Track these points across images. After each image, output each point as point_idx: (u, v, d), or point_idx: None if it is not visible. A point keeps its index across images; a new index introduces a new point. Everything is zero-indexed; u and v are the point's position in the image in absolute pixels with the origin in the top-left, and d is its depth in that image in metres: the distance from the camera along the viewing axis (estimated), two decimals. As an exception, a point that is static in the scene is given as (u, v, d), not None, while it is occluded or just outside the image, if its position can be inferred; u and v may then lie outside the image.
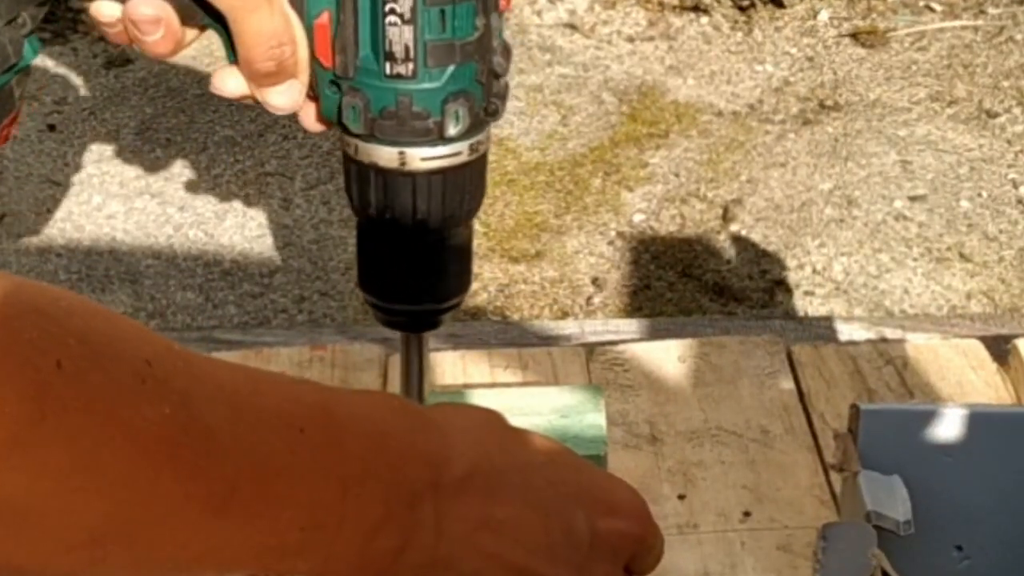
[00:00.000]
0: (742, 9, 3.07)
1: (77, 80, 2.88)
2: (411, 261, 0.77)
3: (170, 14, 0.72)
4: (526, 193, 2.54)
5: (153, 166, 2.63)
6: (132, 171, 2.61)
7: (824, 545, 0.75)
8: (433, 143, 0.74)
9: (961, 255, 2.38)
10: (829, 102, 2.79)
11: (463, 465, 0.64)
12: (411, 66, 0.72)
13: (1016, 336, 1.08)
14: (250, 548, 0.57)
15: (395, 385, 1.09)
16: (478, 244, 2.41)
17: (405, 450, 0.62)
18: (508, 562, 0.65)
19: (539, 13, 3.08)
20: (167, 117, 2.76)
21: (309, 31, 0.73)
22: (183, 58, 2.95)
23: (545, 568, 0.66)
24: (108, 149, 2.67)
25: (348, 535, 0.60)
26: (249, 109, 2.78)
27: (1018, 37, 2.98)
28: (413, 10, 0.71)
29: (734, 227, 2.45)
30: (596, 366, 1.08)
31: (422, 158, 0.74)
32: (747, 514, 0.95)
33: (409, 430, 0.63)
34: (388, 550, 0.62)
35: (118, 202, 2.53)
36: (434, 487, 0.63)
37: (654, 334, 1.23)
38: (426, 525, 0.63)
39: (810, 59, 2.94)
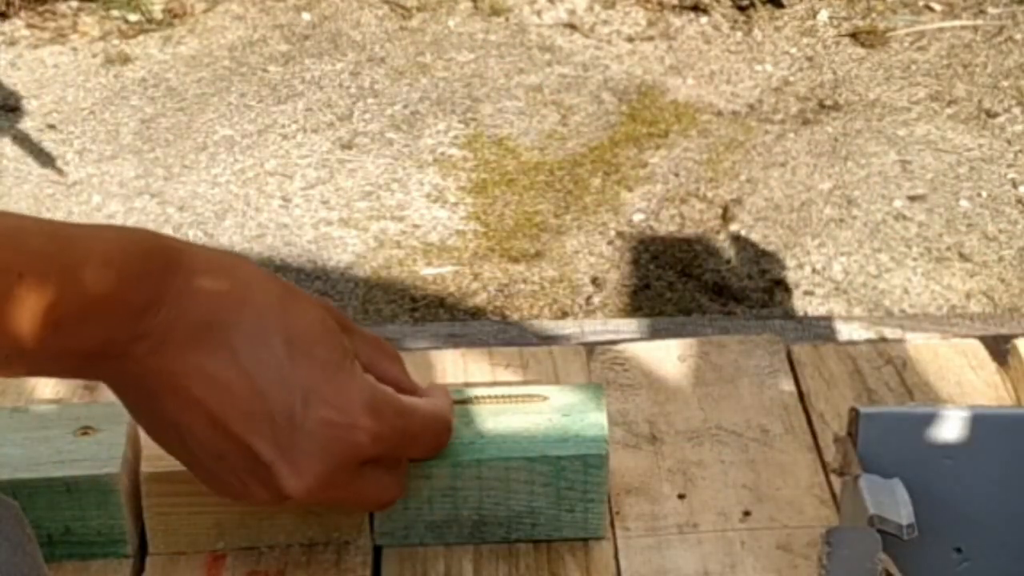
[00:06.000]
0: (742, 9, 3.07)
1: (77, 80, 2.88)
2: None
3: None
4: (526, 193, 2.54)
5: (153, 166, 2.63)
6: (132, 171, 2.61)
7: (829, 551, 0.75)
8: None
9: (961, 255, 2.38)
10: (829, 102, 2.79)
11: (197, 316, 0.70)
12: None
13: (1016, 336, 1.08)
14: None
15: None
16: (479, 244, 2.41)
17: (136, 293, 0.68)
18: (209, 412, 0.71)
19: (539, 13, 3.08)
20: (167, 117, 2.76)
21: None
22: (183, 57, 2.95)
23: (243, 431, 0.71)
24: (108, 149, 2.67)
25: (58, 360, 0.68)
26: (248, 109, 2.78)
27: (1018, 37, 2.98)
28: None
29: (734, 227, 2.45)
30: (596, 365, 1.08)
31: None
32: (747, 513, 0.95)
33: (147, 273, 0.69)
34: (98, 369, 0.70)
35: (118, 202, 2.53)
36: (161, 328, 0.69)
37: (654, 334, 1.23)
38: (138, 358, 0.69)
39: (810, 59, 2.94)
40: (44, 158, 2.63)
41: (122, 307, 0.68)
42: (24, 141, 2.69)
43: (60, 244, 0.67)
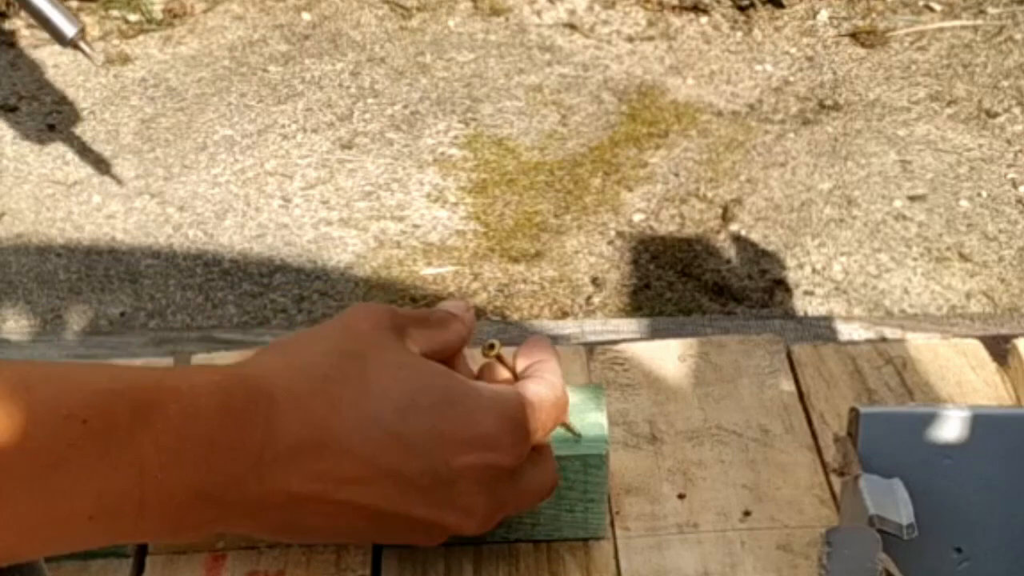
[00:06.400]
0: (742, 9, 3.07)
1: (77, 80, 2.88)
2: None
3: None
4: (526, 193, 2.54)
5: (153, 166, 2.63)
6: (132, 171, 2.61)
7: (829, 551, 0.75)
8: None
9: (961, 255, 2.38)
10: (829, 102, 2.79)
11: (291, 437, 0.66)
12: None
13: (1016, 336, 1.08)
14: (34, 539, 0.60)
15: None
16: (479, 244, 2.41)
17: (219, 434, 0.64)
18: (359, 509, 0.68)
19: (539, 13, 3.08)
20: (167, 117, 2.76)
21: None
22: (183, 58, 2.95)
23: (399, 508, 0.69)
24: (108, 149, 2.67)
25: (152, 515, 0.62)
26: (248, 109, 2.78)
27: (1018, 37, 2.98)
28: None
29: (734, 227, 2.45)
30: (596, 365, 1.08)
31: None
32: (747, 513, 0.95)
33: (226, 411, 0.65)
34: (206, 521, 0.65)
35: (118, 202, 2.53)
36: (256, 463, 0.65)
37: (654, 334, 1.24)
38: (248, 500, 0.65)
39: (810, 59, 2.94)
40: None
41: (211, 446, 0.64)
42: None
43: (124, 387, 0.63)
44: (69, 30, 0.80)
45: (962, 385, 1.06)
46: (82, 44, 0.80)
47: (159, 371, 0.66)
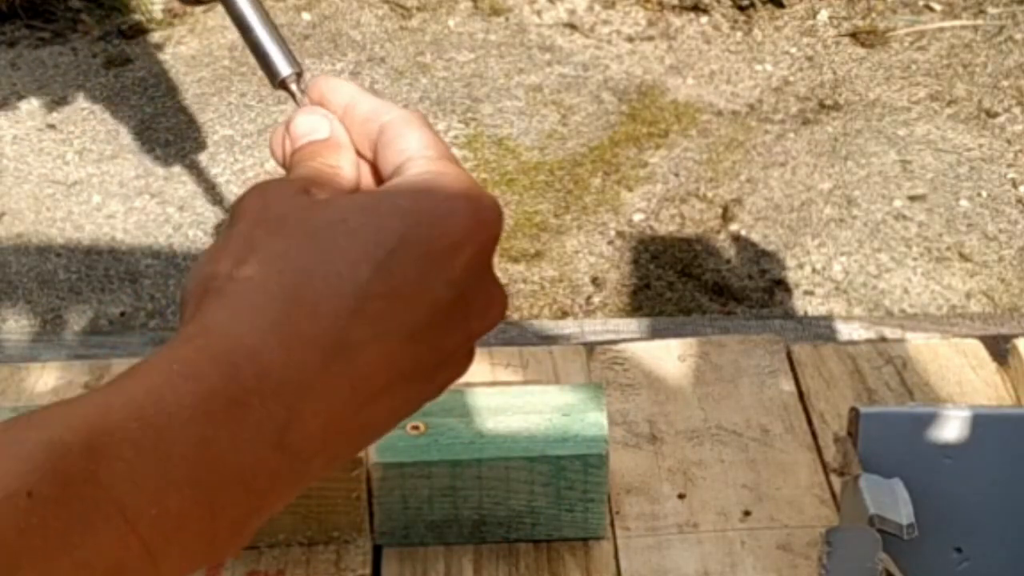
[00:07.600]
0: (742, 9, 3.07)
1: (77, 80, 2.88)
2: None
3: None
4: (526, 193, 2.54)
5: (153, 166, 2.63)
6: (132, 171, 2.61)
7: (829, 551, 0.75)
8: None
9: (961, 255, 2.38)
10: (829, 102, 2.79)
11: (292, 381, 0.53)
12: None
13: (1016, 336, 1.08)
14: None
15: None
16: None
17: (208, 426, 0.51)
18: (395, 392, 0.57)
19: (539, 13, 3.08)
20: (167, 117, 2.76)
21: None
22: (183, 57, 2.95)
23: (432, 357, 0.58)
24: (108, 149, 2.67)
25: (170, 562, 0.49)
26: (248, 109, 2.78)
27: (1018, 37, 2.98)
28: None
29: (734, 227, 2.45)
30: (596, 365, 1.08)
31: None
32: (747, 513, 0.95)
33: (207, 394, 0.51)
34: (241, 528, 0.52)
35: (118, 202, 2.53)
36: (267, 431, 0.52)
37: (654, 333, 1.24)
38: (276, 474, 0.53)
39: (810, 59, 2.94)
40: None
41: (204, 445, 0.50)
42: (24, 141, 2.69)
43: (62, 430, 0.48)
44: (284, 70, 0.69)
45: (962, 385, 1.06)
46: (292, 87, 0.68)
47: (101, 389, 0.51)
